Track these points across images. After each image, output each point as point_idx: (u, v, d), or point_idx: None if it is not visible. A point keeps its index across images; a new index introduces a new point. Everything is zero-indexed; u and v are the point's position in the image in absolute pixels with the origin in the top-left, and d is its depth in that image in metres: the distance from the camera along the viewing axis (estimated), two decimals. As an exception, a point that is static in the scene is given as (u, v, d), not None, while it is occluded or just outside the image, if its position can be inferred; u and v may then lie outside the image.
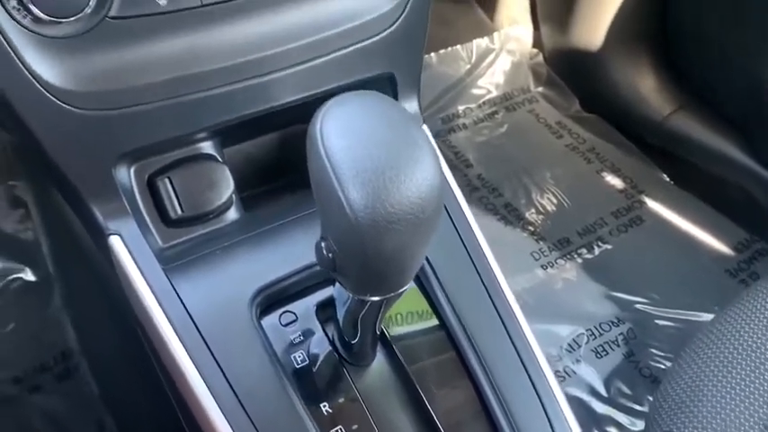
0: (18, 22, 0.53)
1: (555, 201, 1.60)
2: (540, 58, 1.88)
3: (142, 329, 0.62)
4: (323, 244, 0.49)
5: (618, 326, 1.38)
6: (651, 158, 1.69)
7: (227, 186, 0.67)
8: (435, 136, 1.72)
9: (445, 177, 0.73)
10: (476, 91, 1.81)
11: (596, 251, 1.51)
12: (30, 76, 0.54)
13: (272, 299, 0.64)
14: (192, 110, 0.62)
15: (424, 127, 0.74)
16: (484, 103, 1.80)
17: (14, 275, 1.30)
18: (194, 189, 0.65)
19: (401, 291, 0.51)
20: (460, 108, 1.78)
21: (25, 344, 1.24)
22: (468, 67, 1.82)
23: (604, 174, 1.68)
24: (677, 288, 1.43)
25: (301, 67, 0.65)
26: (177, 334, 0.60)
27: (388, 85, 0.71)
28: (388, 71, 0.70)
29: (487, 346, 0.67)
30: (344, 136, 0.44)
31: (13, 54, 0.53)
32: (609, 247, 1.52)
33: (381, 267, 0.47)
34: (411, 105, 0.73)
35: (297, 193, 0.73)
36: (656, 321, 1.39)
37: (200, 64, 0.60)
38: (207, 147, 0.68)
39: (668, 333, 1.37)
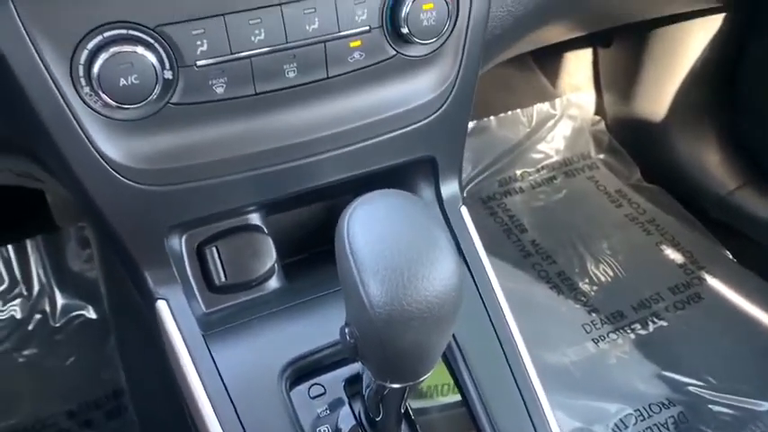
0: (89, 106, 0.58)
1: (610, 272, 1.57)
2: (602, 125, 1.87)
3: (178, 387, 0.66)
4: (347, 330, 0.52)
5: (669, 408, 1.33)
6: (713, 233, 1.64)
7: (269, 256, 0.71)
8: (491, 198, 1.73)
9: (481, 258, 0.75)
10: (535, 155, 1.81)
11: (650, 327, 1.47)
12: (96, 153, 0.60)
13: (303, 371, 0.66)
14: (243, 187, 0.66)
15: (463, 209, 0.76)
16: (543, 167, 1.80)
17: (77, 312, 1.38)
18: (239, 258, 0.69)
19: (421, 379, 0.53)
20: (518, 171, 1.78)
21: (82, 379, 1.30)
22: (528, 131, 1.83)
23: (663, 246, 1.63)
24: (734, 372, 1.37)
25: (346, 150, 0.68)
26: (209, 399, 0.63)
27: (429, 168, 0.74)
28: (430, 155, 0.73)
29: (506, 426, 0.67)
30: (368, 235, 0.47)
31: (82, 134, 0.59)
32: (664, 323, 1.47)
33: (399, 359, 0.49)
34: (452, 187, 0.76)
35: (335, 264, 0.76)
36: (710, 406, 1.33)
37: (252, 146, 0.65)
38: (253, 218, 0.72)
39: (722, 420, 1.31)
